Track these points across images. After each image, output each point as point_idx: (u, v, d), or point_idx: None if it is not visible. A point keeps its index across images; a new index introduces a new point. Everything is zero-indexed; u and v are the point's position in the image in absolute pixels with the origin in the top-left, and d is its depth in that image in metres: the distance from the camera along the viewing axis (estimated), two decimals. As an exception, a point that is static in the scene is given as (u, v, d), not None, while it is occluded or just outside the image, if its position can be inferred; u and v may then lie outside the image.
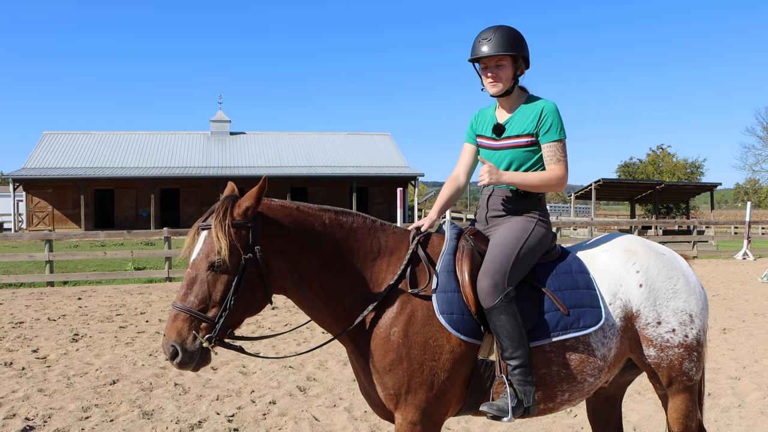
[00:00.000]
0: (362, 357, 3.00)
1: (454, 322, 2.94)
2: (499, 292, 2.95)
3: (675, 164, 62.52)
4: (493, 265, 3.04)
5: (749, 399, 5.96)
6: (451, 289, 3.01)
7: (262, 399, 5.97)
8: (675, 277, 3.33)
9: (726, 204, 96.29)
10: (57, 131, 43.81)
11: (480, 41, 3.21)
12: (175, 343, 2.67)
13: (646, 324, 3.23)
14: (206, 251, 2.74)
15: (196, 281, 2.74)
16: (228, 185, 3.04)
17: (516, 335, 2.93)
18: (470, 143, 3.49)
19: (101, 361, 7.41)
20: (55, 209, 39.80)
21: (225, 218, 2.73)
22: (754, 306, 11.36)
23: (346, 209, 3.12)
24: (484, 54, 3.18)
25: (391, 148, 45.71)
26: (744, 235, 21.72)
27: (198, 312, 2.69)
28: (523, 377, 2.96)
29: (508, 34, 3.19)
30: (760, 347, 8.03)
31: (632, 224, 24.72)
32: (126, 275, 15.79)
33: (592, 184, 33.60)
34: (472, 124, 3.49)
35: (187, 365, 2.69)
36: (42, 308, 11.38)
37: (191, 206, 41.19)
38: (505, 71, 3.22)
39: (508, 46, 3.17)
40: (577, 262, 3.28)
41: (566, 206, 64.95)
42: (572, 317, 3.09)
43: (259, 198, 2.81)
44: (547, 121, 3.20)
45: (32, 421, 5.37)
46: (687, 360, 3.28)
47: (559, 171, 3.20)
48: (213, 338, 2.70)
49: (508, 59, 3.21)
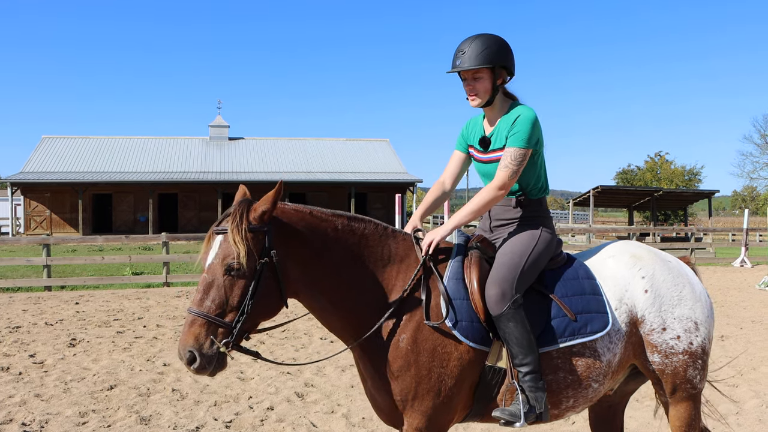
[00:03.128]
0: (370, 363, 3.00)
1: (463, 329, 2.95)
2: (507, 300, 2.96)
3: (673, 171, 62.64)
4: (501, 273, 3.05)
5: (747, 406, 5.96)
6: (460, 297, 3.02)
7: (260, 405, 5.96)
8: (681, 284, 3.34)
9: (724, 211, 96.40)
10: (55, 135, 43.79)
11: (456, 54, 3.16)
12: (192, 349, 2.67)
13: (651, 330, 3.24)
14: (223, 256, 2.74)
15: (212, 286, 2.73)
16: (239, 188, 3.02)
17: (525, 342, 2.94)
18: (460, 151, 3.47)
19: (98, 366, 7.39)
20: (53, 213, 39.75)
21: (241, 223, 2.73)
22: (751, 313, 11.37)
23: (358, 215, 3.12)
24: (458, 69, 3.14)
25: (389, 154, 45.73)
26: (742, 243, 21.76)
27: (215, 317, 2.70)
28: (534, 383, 2.97)
29: (485, 45, 3.11)
30: (757, 354, 8.03)
31: (630, 231, 24.75)
32: (124, 280, 15.75)
33: (591, 191, 33.64)
34: (463, 133, 3.48)
35: (205, 370, 2.69)
36: (39, 313, 11.36)
37: (189, 211, 41.16)
38: (483, 83, 3.15)
39: (483, 59, 3.09)
40: (583, 268, 3.30)
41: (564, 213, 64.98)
42: (580, 323, 3.10)
43: (275, 202, 2.80)
44: (516, 128, 3.13)
45: (29, 426, 5.35)
46: (691, 367, 3.28)
47: (498, 180, 3.11)
48: (230, 343, 2.70)
49: (485, 71, 3.14)
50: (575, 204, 38.33)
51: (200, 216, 40.54)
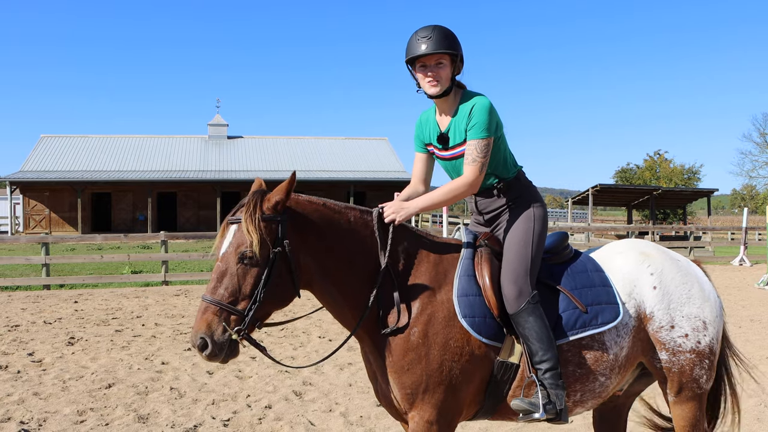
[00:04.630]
0: (380, 356, 3.01)
1: (476, 325, 2.97)
2: (526, 296, 3.00)
3: (672, 170, 62.67)
4: (514, 267, 3.07)
5: (746, 406, 5.95)
6: (473, 293, 3.03)
7: (258, 403, 5.95)
8: (689, 282, 3.34)
9: (723, 210, 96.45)
10: (54, 134, 43.75)
11: (418, 39, 3.13)
12: (204, 335, 2.68)
13: (659, 327, 3.24)
14: (236, 245, 2.76)
15: (226, 274, 2.75)
16: (255, 181, 3.05)
17: (545, 337, 2.97)
18: (420, 152, 3.44)
19: (97, 365, 7.39)
20: (52, 212, 39.72)
21: (255, 212, 2.75)
22: (750, 312, 11.37)
23: (369, 208, 3.13)
24: (423, 52, 3.11)
25: (388, 153, 45.73)
26: (741, 241, 21.78)
27: (228, 305, 2.71)
28: (555, 380, 2.98)
29: (446, 34, 3.14)
30: (756, 353, 8.03)
31: (629, 230, 24.76)
32: (122, 279, 15.76)
33: (590, 190, 33.62)
34: (417, 134, 3.43)
35: (216, 357, 2.70)
36: (38, 311, 11.35)
37: (188, 210, 41.14)
38: (445, 70, 3.15)
39: (448, 45, 3.12)
40: (591, 262, 3.33)
41: (563, 211, 64.98)
42: (590, 315, 3.12)
43: (288, 192, 2.83)
44: (473, 118, 3.11)
45: (27, 424, 5.35)
46: (698, 366, 3.27)
47: (469, 175, 3.11)
48: (243, 330, 2.72)
49: (447, 58, 3.14)
50: (574, 202, 38.32)
51: (199, 215, 40.54)
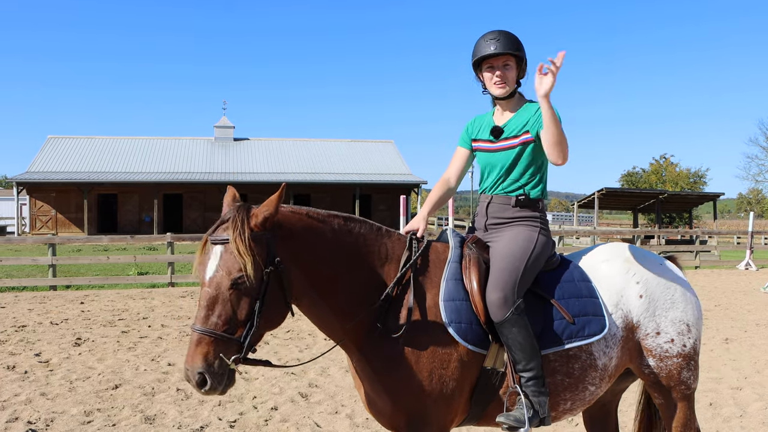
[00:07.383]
0: (368, 365, 2.93)
1: (462, 331, 2.91)
2: (510, 305, 2.92)
3: (678, 174, 62.48)
4: (502, 276, 3.00)
5: (751, 409, 5.95)
6: (460, 298, 2.97)
7: (264, 405, 5.98)
8: (672, 287, 3.35)
9: (729, 214, 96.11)
10: (61, 135, 43.95)
11: (487, 41, 3.19)
12: (202, 370, 2.51)
13: (645, 334, 3.25)
14: (227, 268, 2.56)
15: (217, 301, 2.56)
16: (228, 190, 2.88)
17: (528, 347, 2.91)
18: (464, 147, 3.46)
19: (104, 366, 7.43)
20: (58, 213, 39.89)
21: (244, 231, 2.56)
22: (756, 316, 11.34)
23: (352, 215, 3.07)
24: (492, 52, 3.16)
25: (394, 156, 45.75)
26: (747, 245, 21.69)
27: (223, 333, 2.54)
28: (538, 388, 2.94)
29: (512, 37, 3.20)
30: (762, 358, 8.01)
31: (635, 233, 24.69)
32: (129, 280, 15.80)
33: (595, 193, 33.58)
34: (467, 128, 3.47)
35: (215, 390, 2.55)
36: (45, 312, 11.40)
37: (194, 211, 41.25)
38: (512, 72, 3.22)
39: (516, 47, 3.18)
40: (578, 271, 3.28)
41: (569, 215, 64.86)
42: (577, 326, 3.08)
43: (278, 207, 2.69)
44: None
45: (35, 425, 5.38)
46: (685, 369, 3.31)
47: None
48: (240, 359, 2.57)
49: (514, 60, 3.21)
50: (580, 206, 38.27)
51: (205, 216, 40.62)
